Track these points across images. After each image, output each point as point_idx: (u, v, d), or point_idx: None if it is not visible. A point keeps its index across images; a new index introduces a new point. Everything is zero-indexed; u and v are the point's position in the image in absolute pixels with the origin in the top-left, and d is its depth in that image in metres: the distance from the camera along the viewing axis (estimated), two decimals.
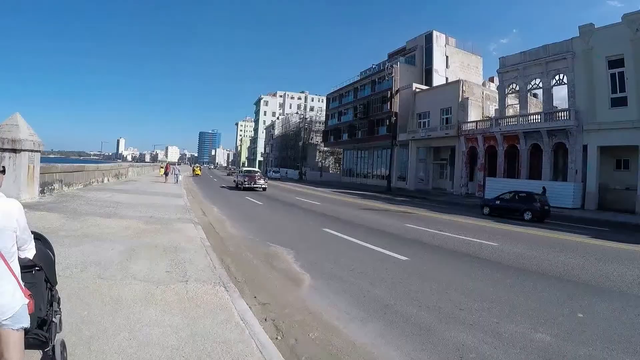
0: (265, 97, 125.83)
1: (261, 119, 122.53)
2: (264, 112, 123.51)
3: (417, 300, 5.29)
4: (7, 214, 2.01)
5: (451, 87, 36.36)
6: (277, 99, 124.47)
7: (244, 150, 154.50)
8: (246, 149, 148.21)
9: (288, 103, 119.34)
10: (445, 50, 46.96)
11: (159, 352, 3.17)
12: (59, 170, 15.08)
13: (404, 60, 46.87)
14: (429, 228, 12.21)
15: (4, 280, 1.93)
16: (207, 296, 4.63)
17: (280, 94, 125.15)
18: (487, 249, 9.18)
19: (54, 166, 15.10)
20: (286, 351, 3.69)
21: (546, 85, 27.72)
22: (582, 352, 3.82)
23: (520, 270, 7.19)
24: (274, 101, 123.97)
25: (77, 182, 17.00)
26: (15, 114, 11.99)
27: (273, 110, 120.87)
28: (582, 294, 5.80)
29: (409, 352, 3.78)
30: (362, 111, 49.37)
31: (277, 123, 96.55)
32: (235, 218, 13.07)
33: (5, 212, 2.01)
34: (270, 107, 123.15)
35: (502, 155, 29.80)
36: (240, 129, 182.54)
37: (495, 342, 3.99)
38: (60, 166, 15.86)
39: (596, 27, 24.45)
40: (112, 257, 6.05)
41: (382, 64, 48.73)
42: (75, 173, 16.98)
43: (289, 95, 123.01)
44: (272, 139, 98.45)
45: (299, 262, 7.23)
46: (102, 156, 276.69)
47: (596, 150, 23.87)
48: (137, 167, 38.00)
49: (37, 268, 2.37)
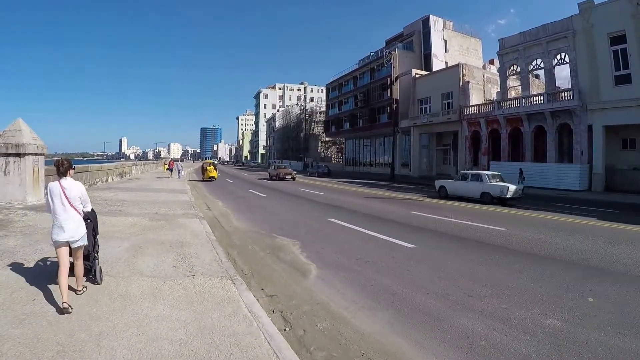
0: (264, 90, 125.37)
1: (262, 112, 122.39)
2: (264, 105, 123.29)
3: (424, 287, 5.26)
4: (78, 188, 4.23)
5: (451, 72, 35.90)
6: (277, 91, 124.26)
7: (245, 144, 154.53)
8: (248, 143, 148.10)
9: (288, 95, 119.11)
10: (443, 34, 46.30)
11: (168, 347, 3.21)
12: None
13: (402, 47, 46.21)
14: (435, 215, 12.14)
15: (79, 219, 4.17)
16: (215, 290, 4.68)
17: (280, 86, 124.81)
18: (495, 234, 9.11)
19: None
20: (295, 342, 3.72)
21: (548, 65, 27.27)
22: (593, 337, 3.77)
23: (529, 255, 7.13)
24: (273, 94, 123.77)
25: (82, 182, 16.90)
26: (17, 119, 12.28)
27: (273, 103, 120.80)
28: (592, 278, 5.73)
29: (418, 340, 3.76)
30: (363, 99, 48.96)
31: (277, 115, 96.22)
32: (239, 211, 13.13)
33: (78, 187, 4.22)
34: (270, 100, 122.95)
35: (505, 139, 29.52)
36: (242, 122, 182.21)
37: (505, 329, 3.96)
38: None
39: (596, 4, 23.87)
40: (119, 254, 6.17)
41: (380, 51, 48.09)
42: (79, 174, 17.04)
43: (288, 87, 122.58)
44: (273, 132, 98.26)
45: (305, 253, 7.26)
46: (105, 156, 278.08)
47: (601, 130, 23.50)
48: (141, 165, 38.28)
49: (89, 220, 4.47)
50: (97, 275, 4.64)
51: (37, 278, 4.76)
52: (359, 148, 54.29)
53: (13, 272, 5.01)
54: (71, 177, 4.28)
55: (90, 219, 4.48)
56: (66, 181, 4.14)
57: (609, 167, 23.68)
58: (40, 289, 4.41)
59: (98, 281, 4.65)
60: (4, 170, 11.49)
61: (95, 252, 4.63)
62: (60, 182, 4.13)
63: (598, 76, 23.69)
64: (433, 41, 45.35)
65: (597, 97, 23.65)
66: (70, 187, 4.12)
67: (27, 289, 4.41)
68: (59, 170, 4.18)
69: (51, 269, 5.01)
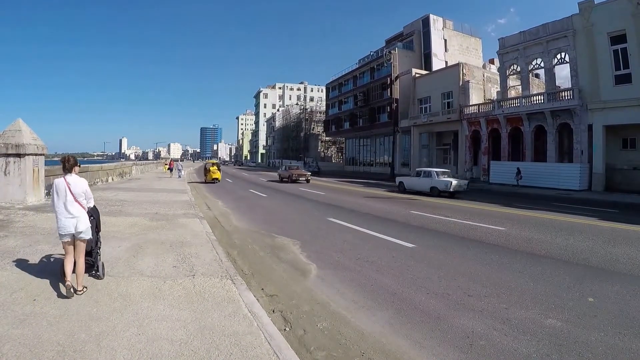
0: (264, 89, 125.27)
1: (262, 112, 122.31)
2: (264, 104, 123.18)
3: (424, 287, 5.25)
4: (83, 185, 4.46)
5: (451, 71, 35.92)
6: (277, 91, 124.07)
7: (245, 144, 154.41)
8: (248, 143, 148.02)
9: (287, 94, 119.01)
10: (443, 33, 46.34)
11: (168, 347, 3.20)
12: None
13: (402, 46, 46.25)
14: (435, 214, 12.14)
15: (83, 213, 4.39)
16: (215, 289, 4.68)
17: (280, 86, 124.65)
18: (495, 234, 9.11)
19: (58, 168, 14.77)
20: (295, 342, 3.71)
21: (548, 64, 27.27)
22: (593, 337, 3.76)
23: (529, 255, 7.13)
24: (273, 93, 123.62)
25: None
26: (17, 119, 12.19)
27: (273, 103, 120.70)
28: (592, 278, 5.72)
29: (418, 340, 3.76)
30: (363, 99, 49.00)
31: (277, 115, 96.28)
32: (240, 211, 13.13)
33: (82, 184, 4.46)
34: (270, 100, 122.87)
35: (505, 138, 29.53)
36: (241, 122, 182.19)
37: (505, 329, 3.95)
38: None
39: (596, 3, 23.89)
40: (119, 254, 6.15)
41: (380, 51, 48.12)
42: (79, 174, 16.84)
43: (288, 87, 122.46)
44: (273, 131, 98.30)
45: (305, 253, 7.25)
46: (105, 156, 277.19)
47: (601, 129, 23.52)
48: (141, 165, 38.21)
49: (92, 217, 4.67)
50: (100, 270, 4.84)
51: (37, 278, 4.75)
52: (359, 147, 54.34)
53: (13, 272, 4.99)
54: (76, 174, 4.51)
55: (93, 215, 4.72)
56: (71, 177, 4.38)
57: (609, 166, 23.68)
58: (40, 290, 4.40)
59: (101, 276, 4.81)
60: (4, 170, 11.47)
61: (97, 248, 4.88)
62: (65, 178, 4.35)
63: (598, 76, 23.69)
64: (433, 40, 45.40)
65: (598, 96, 23.66)
66: (75, 183, 4.36)
67: (27, 290, 4.39)
68: (65, 167, 4.42)
69: (52, 269, 5.03)
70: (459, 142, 34.29)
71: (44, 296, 4.23)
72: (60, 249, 4.69)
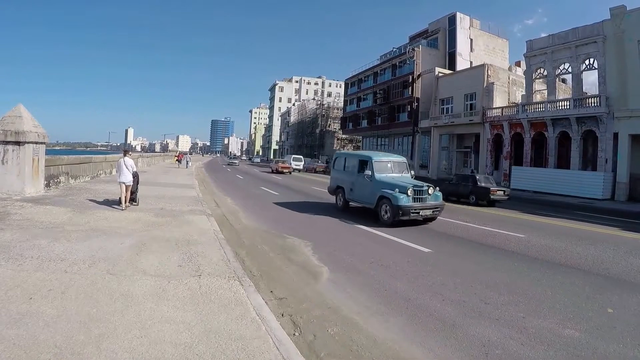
0: (280, 82, 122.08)
1: (276, 106, 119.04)
2: (279, 98, 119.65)
3: (440, 294, 5.20)
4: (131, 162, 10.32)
5: (476, 72, 35.16)
6: (293, 84, 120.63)
7: (258, 139, 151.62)
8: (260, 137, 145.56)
9: (304, 89, 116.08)
10: (470, 32, 45.18)
11: (172, 350, 3.09)
12: (64, 163, 14.53)
13: (425, 44, 45.32)
14: (453, 219, 11.98)
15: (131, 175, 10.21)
16: (221, 291, 4.53)
17: (296, 80, 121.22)
18: (514, 241, 8.98)
19: (59, 158, 14.44)
20: (304, 348, 3.59)
21: (575, 70, 26.48)
22: (612, 348, 3.70)
23: (548, 263, 7.01)
24: (289, 87, 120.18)
25: (84, 174, 16.60)
26: (18, 105, 11.64)
27: (288, 97, 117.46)
28: (612, 289, 5.61)
29: (432, 348, 3.70)
30: (382, 97, 48.21)
31: (292, 110, 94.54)
32: (249, 209, 12.77)
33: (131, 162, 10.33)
34: (285, 93, 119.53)
35: (528, 143, 28.84)
36: (255, 116, 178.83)
37: (521, 338, 3.91)
38: (66, 158, 15.19)
39: (628, 10, 23.17)
40: (122, 251, 5.90)
41: (403, 47, 47.29)
42: (82, 165, 16.56)
43: (305, 81, 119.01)
44: (287, 127, 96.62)
45: (316, 255, 7.09)
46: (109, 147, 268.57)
47: (627, 138, 22.77)
48: (147, 157, 37.37)
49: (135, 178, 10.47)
50: (136, 200, 10.68)
51: (33, 275, 4.56)
52: (376, 147, 53.58)
53: (8, 268, 4.76)
54: (129, 157, 10.51)
55: (135, 176, 10.35)
56: (126, 158, 10.29)
57: (633, 176, 22.92)
58: (37, 287, 4.20)
59: (136, 203, 10.58)
60: (2, 159, 10.88)
61: (136, 190, 10.72)
62: (124, 158, 10.26)
63: (627, 83, 22.98)
64: (459, 39, 44.23)
65: (625, 104, 22.93)
66: (128, 161, 10.17)
67: (23, 287, 4.18)
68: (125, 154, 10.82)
69: (51, 268, 4.93)
70: (480, 145, 33.62)
71: (41, 294, 4.02)
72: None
